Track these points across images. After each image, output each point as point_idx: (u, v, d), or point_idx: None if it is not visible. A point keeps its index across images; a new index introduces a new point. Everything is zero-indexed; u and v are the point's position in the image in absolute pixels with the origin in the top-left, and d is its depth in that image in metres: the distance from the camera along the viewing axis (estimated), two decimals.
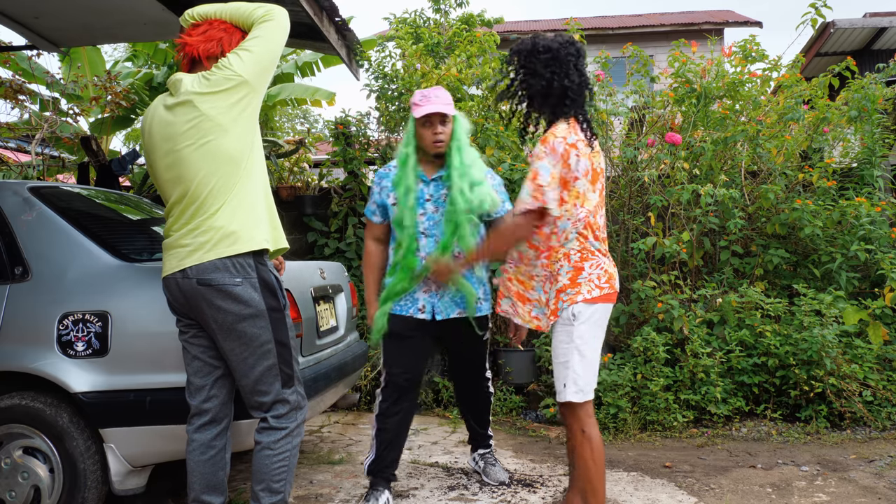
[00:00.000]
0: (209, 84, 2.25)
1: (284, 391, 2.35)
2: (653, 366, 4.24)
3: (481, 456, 3.34)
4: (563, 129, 2.44)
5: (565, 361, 2.46)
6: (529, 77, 2.53)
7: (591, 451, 2.43)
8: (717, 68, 5.19)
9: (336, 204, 5.60)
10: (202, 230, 2.25)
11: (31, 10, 4.77)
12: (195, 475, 2.36)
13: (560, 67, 2.48)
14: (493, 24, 7.86)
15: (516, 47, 2.58)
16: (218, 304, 2.24)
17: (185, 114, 2.26)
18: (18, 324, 2.65)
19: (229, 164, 2.26)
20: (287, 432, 2.35)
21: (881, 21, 8.98)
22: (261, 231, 2.30)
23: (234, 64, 2.27)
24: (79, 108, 7.18)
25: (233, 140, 2.26)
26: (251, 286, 2.26)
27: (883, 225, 4.64)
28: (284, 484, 2.33)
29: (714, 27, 13.34)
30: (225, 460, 2.42)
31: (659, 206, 4.78)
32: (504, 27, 13.37)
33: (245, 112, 2.29)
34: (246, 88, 2.28)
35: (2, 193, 2.86)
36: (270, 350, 2.30)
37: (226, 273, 2.23)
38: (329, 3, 4.70)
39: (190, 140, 2.26)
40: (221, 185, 2.25)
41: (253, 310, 2.26)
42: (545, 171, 2.39)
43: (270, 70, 2.37)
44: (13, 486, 2.59)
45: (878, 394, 4.20)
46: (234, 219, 2.25)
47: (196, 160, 2.26)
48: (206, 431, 2.38)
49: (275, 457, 2.32)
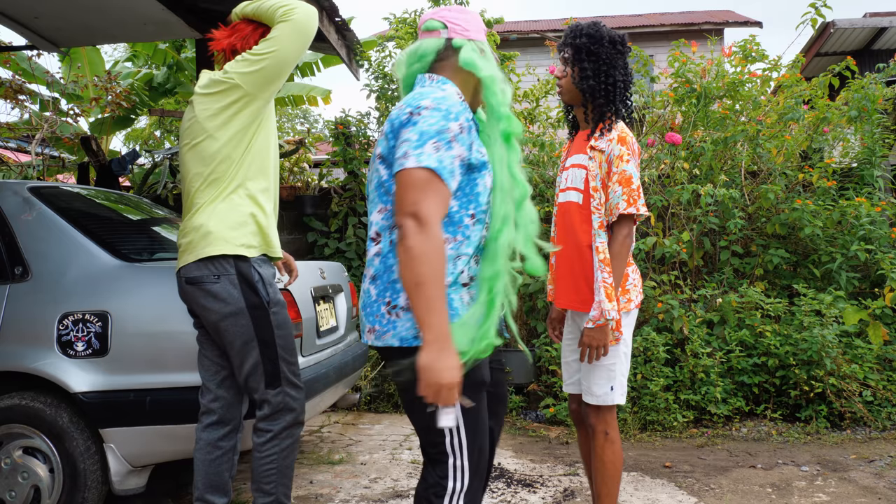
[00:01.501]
0: (207, 86, 2.26)
1: (268, 392, 2.29)
2: (653, 366, 4.24)
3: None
4: (626, 127, 2.39)
5: (612, 364, 2.37)
6: (608, 67, 2.36)
7: (613, 453, 2.41)
8: (717, 68, 5.19)
9: (336, 204, 5.60)
10: (186, 231, 2.29)
11: (31, 10, 4.77)
12: (200, 474, 2.35)
13: (625, 62, 2.40)
14: (493, 24, 7.85)
15: (588, 31, 2.37)
16: (202, 303, 2.25)
17: (188, 112, 2.32)
18: (18, 324, 2.65)
19: (215, 166, 2.25)
20: (272, 435, 2.28)
21: (881, 21, 8.97)
22: (241, 236, 2.26)
23: (231, 67, 2.24)
24: (79, 108, 7.18)
25: (219, 143, 2.24)
26: (230, 282, 2.23)
27: (883, 225, 4.64)
28: (275, 486, 2.30)
29: (714, 27, 13.32)
30: (232, 462, 2.40)
31: (659, 206, 4.78)
32: (504, 27, 13.36)
33: (237, 117, 2.24)
34: (238, 92, 2.23)
35: (2, 193, 2.86)
36: (253, 348, 2.26)
37: (204, 270, 2.23)
38: (329, 3, 4.70)
39: (186, 139, 2.29)
40: (205, 187, 2.26)
41: (232, 307, 2.22)
42: (636, 175, 2.32)
43: (276, 77, 2.26)
44: (13, 486, 2.59)
45: (878, 394, 4.20)
46: (210, 219, 2.23)
47: (188, 160, 2.29)
48: (212, 431, 2.37)
49: (261, 459, 2.29)
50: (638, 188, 2.31)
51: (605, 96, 2.37)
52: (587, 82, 2.36)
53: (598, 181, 2.34)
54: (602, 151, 2.34)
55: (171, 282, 2.67)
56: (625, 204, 2.28)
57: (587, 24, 2.39)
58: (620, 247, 2.31)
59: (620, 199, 2.28)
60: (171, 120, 10.17)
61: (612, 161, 2.31)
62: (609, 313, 2.26)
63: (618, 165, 2.30)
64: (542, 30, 13.42)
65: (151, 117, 11.31)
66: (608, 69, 2.36)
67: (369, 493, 3.21)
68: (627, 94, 2.42)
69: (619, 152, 2.31)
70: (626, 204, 2.28)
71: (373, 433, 4.26)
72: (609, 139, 2.34)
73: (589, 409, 2.45)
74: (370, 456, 3.78)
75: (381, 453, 3.84)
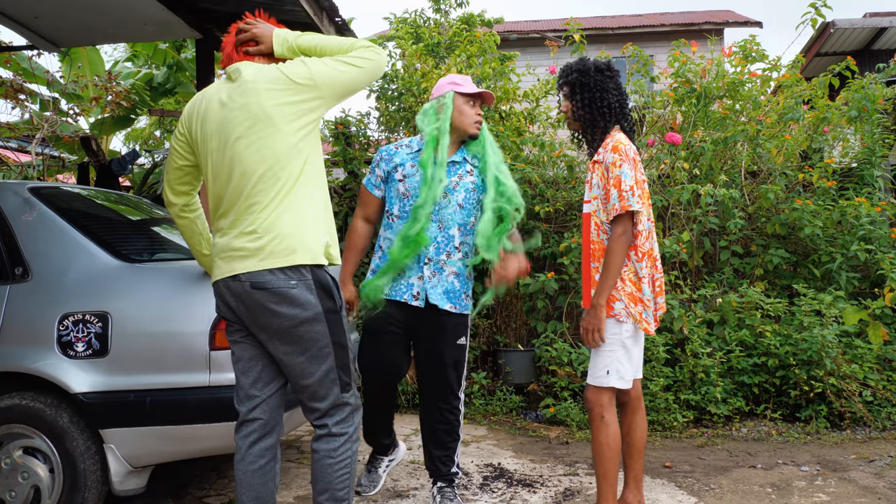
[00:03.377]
0: (278, 80, 2.15)
1: (343, 395, 2.23)
2: (653, 366, 4.24)
3: (440, 490, 2.97)
4: (624, 137, 2.64)
5: (610, 350, 2.57)
6: (601, 92, 2.69)
7: (608, 436, 2.57)
8: (717, 68, 5.20)
9: (336, 204, 5.60)
10: (245, 231, 2.11)
11: (31, 10, 4.77)
12: (244, 486, 2.23)
13: (617, 83, 2.72)
14: (493, 24, 7.87)
15: (577, 67, 2.73)
16: (274, 309, 2.10)
17: (236, 103, 2.15)
18: (18, 324, 2.65)
19: (285, 163, 2.13)
20: (346, 438, 2.23)
21: (881, 21, 8.98)
22: (317, 241, 2.17)
23: (313, 65, 2.18)
24: (79, 108, 7.19)
25: (290, 140, 2.14)
26: (306, 288, 2.13)
27: (883, 225, 4.64)
28: (348, 492, 2.22)
29: (714, 27, 13.33)
30: (275, 471, 2.29)
31: (659, 206, 4.78)
32: (504, 27, 13.37)
33: (307, 116, 2.17)
34: (313, 93, 2.17)
35: (2, 193, 2.86)
36: (329, 353, 2.18)
37: (280, 276, 2.10)
38: (329, 3, 4.70)
39: (237, 132, 2.14)
40: (266, 184, 2.12)
41: (310, 313, 2.13)
42: (628, 176, 2.52)
43: (350, 90, 2.24)
44: (13, 486, 2.59)
45: (878, 394, 4.20)
46: (280, 221, 2.11)
47: (240, 153, 2.13)
48: (258, 439, 2.24)
49: (336, 464, 2.20)
50: (631, 187, 2.51)
51: (603, 118, 2.69)
52: (584, 111, 2.71)
53: (600, 189, 2.62)
54: (601, 163, 2.62)
55: (172, 282, 2.68)
56: (619, 204, 2.51)
57: (575, 62, 2.76)
58: (614, 243, 2.53)
59: (615, 200, 2.53)
60: (170, 120, 10.18)
61: (608, 168, 2.57)
62: (596, 299, 2.54)
63: (612, 171, 2.55)
64: (542, 30, 13.42)
65: (151, 117, 11.32)
66: (601, 94, 2.68)
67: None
68: (625, 110, 2.72)
69: (612, 159, 2.56)
70: (620, 203, 2.51)
71: None
72: (606, 151, 2.61)
73: (587, 394, 2.65)
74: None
75: None
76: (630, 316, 2.56)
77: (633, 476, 2.75)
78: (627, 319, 2.56)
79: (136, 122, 10.10)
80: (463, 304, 2.91)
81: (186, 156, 2.28)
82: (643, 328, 2.59)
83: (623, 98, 2.72)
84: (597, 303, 2.54)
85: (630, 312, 2.55)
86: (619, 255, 2.52)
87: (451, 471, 2.97)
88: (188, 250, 3.01)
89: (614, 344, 2.57)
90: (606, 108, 2.68)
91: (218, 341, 2.57)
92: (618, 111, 2.70)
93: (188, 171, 2.32)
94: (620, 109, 2.71)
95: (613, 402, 2.62)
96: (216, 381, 2.57)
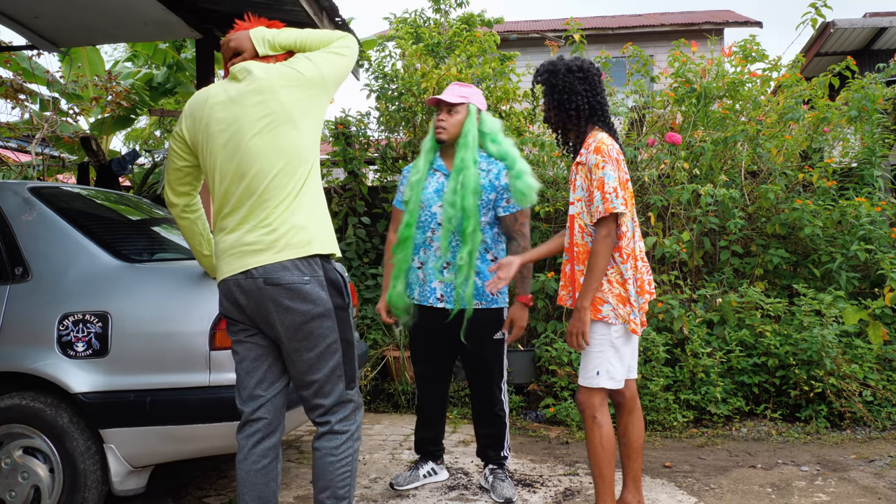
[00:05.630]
0: (290, 76, 2.18)
1: (348, 392, 2.24)
2: (653, 366, 4.24)
3: (492, 471, 3.22)
4: (606, 137, 2.60)
5: (599, 351, 2.57)
6: (569, 94, 2.67)
7: (601, 436, 2.57)
8: (717, 68, 5.20)
9: (336, 204, 5.60)
10: (260, 225, 2.10)
11: (31, 10, 4.77)
12: (246, 486, 2.22)
13: (591, 84, 2.67)
14: (493, 24, 7.86)
15: (547, 68, 2.70)
16: (286, 305, 2.11)
17: (250, 100, 2.15)
18: (18, 324, 2.65)
19: (300, 158, 2.16)
20: (348, 436, 2.24)
21: (881, 21, 8.98)
22: (329, 234, 2.20)
23: (316, 58, 2.24)
24: (79, 108, 7.19)
25: (303, 134, 2.17)
26: (318, 284, 2.14)
27: (883, 225, 4.64)
28: (349, 490, 2.22)
29: (714, 27, 13.33)
30: (277, 471, 2.29)
31: (659, 206, 4.78)
32: (504, 27, 13.37)
33: (318, 109, 2.23)
34: (320, 84, 2.23)
35: (2, 193, 2.86)
36: (337, 349, 2.19)
37: (294, 271, 2.11)
38: (329, 3, 4.70)
39: (253, 128, 2.14)
40: (281, 180, 2.12)
41: (321, 308, 2.14)
42: (611, 178, 2.50)
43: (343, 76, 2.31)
44: (13, 486, 2.59)
45: (878, 394, 4.20)
46: (296, 215, 2.12)
47: (256, 148, 2.13)
48: (262, 438, 2.24)
49: (338, 462, 2.20)
50: (614, 189, 2.49)
51: (570, 120, 2.67)
52: (552, 112, 2.71)
53: (583, 191, 2.60)
54: (584, 165, 2.60)
55: (172, 282, 2.69)
56: (602, 206, 2.49)
57: (547, 62, 2.72)
58: (598, 245, 2.52)
59: (599, 202, 2.51)
60: (170, 120, 10.18)
61: (591, 170, 2.55)
62: (581, 301, 2.53)
63: (595, 173, 2.53)
64: (542, 30, 13.42)
65: (151, 117, 11.32)
66: (568, 96, 2.64)
67: (369, 493, 3.21)
68: (599, 112, 2.67)
69: (594, 161, 2.54)
70: (603, 205, 2.49)
71: (373, 433, 4.26)
72: (588, 152, 2.59)
73: (579, 395, 2.64)
74: (370, 456, 3.79)
75: (381, 453, 3.84)
76: (619, 317, 2.55)
77: (632, 476, 2.75)
78: (616, 321, 2.55)
79: (136, 122, 10.10)
80: (489, 298, 3.06)
81: (186, 156, 2.29)
82: (631, 329, 2.57)
83: (596, 99, 2.66)
84: (581, 305, 2.52)
85: (619, 314, 2.54)
86: (604, 258, 2.50)
87: (500, 455, 3.21)
88: (188, 250, 3.02)
89: (603, 345, 2.56)
90: (574, 111, 2.65)
91: (218, 341, 2.57)
92: (587, 113, 2.65)
93: (188, 171, 2.32)
94: (591, 112, 2.65)
95: (605, 402, 2.61)
96: (216, 381, 2.57)
